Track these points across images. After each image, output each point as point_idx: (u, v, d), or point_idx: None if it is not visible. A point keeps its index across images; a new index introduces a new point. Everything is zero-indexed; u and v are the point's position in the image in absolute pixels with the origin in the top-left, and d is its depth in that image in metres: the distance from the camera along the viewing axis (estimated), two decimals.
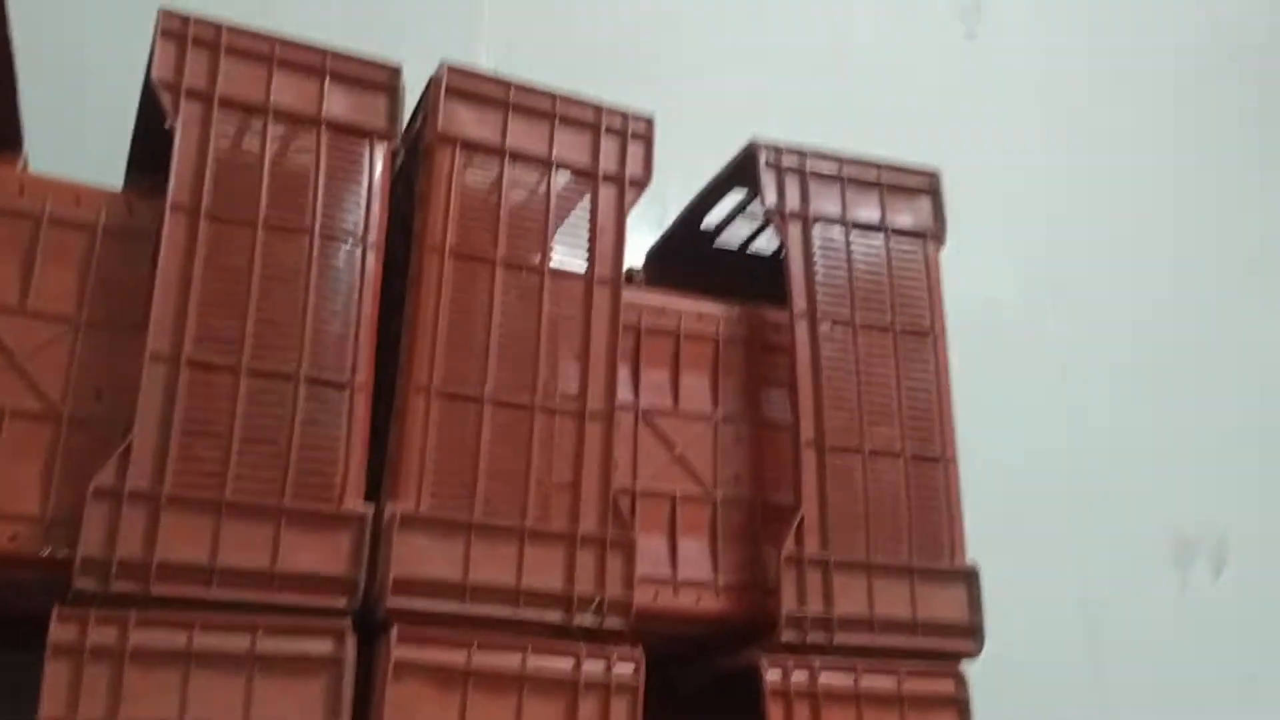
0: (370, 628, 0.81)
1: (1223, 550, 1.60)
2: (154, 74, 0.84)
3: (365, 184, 0.88)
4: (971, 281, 1.24)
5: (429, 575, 0.82)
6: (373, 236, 0.87)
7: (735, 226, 1.16)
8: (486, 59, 0.94)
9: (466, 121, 0.91)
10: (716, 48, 1.59)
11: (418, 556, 0.82)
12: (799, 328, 0.99)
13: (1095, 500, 1.54)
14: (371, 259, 0.87)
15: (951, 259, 1.07)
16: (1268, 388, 1.72)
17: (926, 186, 1.07)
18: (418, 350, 0.86)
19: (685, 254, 1.18)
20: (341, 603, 0.79)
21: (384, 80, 0.90)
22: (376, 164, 0.89)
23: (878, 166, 1.06)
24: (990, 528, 1.08)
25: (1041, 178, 1.70)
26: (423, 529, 0.82)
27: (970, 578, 0.99)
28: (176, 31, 0.85)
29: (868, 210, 1.05)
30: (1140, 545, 1.57)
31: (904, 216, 1.06)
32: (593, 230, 0.94)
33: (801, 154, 1.04)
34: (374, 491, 0.84)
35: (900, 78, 1.66)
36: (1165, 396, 1.65)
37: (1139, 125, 1.79)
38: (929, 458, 1.00)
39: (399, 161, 0.93)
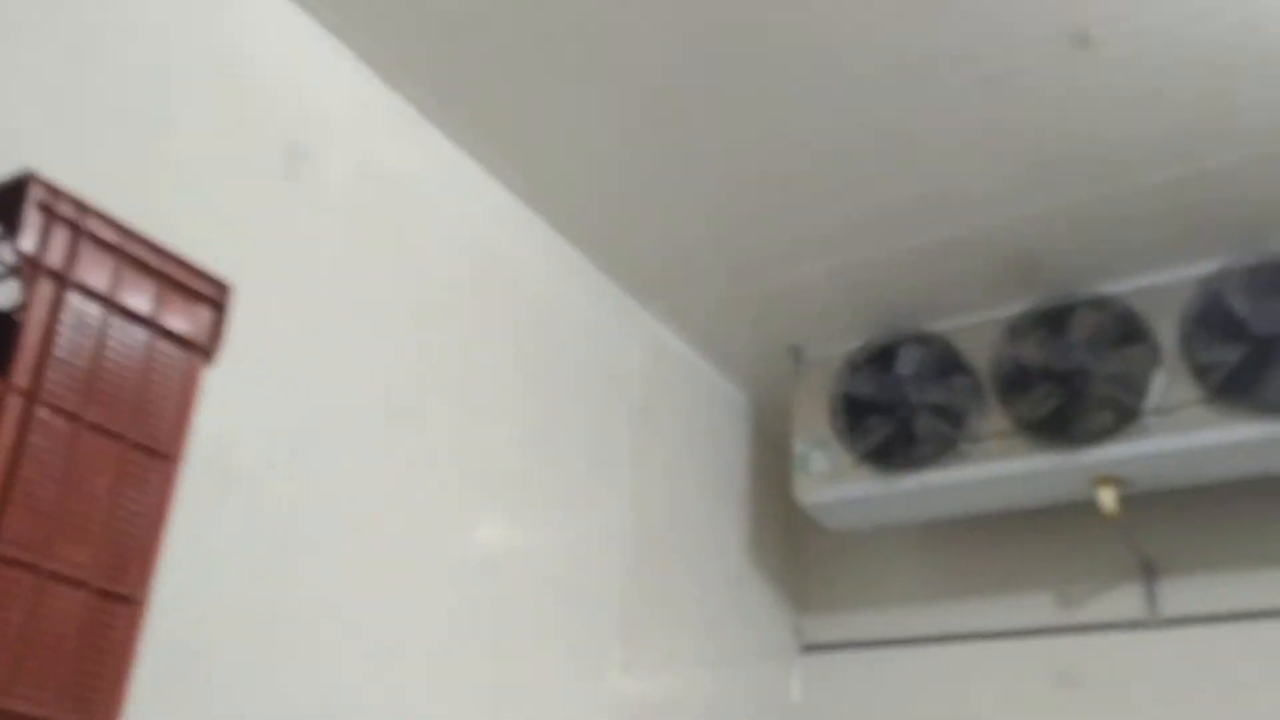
0: None
1: None
2: None
3: None
4: (216, 412, 1.13)
5: None
6: None
7: None
8: None
9: None
10: (22, 68, 1.34)
11: None
12: (10, 404, 0.81)
13: (272, 676, 1.46)
14: None
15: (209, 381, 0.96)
16: (460, 578, 1.79)
17: (213, 295, 0.96)
18: None
19: None
20: None
21: None
22: None
23: (164, 255, 0.94)
24: (156, 684, 0.96)
25: (324, 330, 1.66)
26: None
27: None
28: None
29: (139, 298, 0.91)
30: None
31: (179, 320, 0.93)
32: None
33: (83, 209, 0.88)
34: None
35: (210, 188, 1.54)
36: (380, 592, 1.64)
37: (418, 307, 1.84)
38: (117, 595, 0.86)
39: None
